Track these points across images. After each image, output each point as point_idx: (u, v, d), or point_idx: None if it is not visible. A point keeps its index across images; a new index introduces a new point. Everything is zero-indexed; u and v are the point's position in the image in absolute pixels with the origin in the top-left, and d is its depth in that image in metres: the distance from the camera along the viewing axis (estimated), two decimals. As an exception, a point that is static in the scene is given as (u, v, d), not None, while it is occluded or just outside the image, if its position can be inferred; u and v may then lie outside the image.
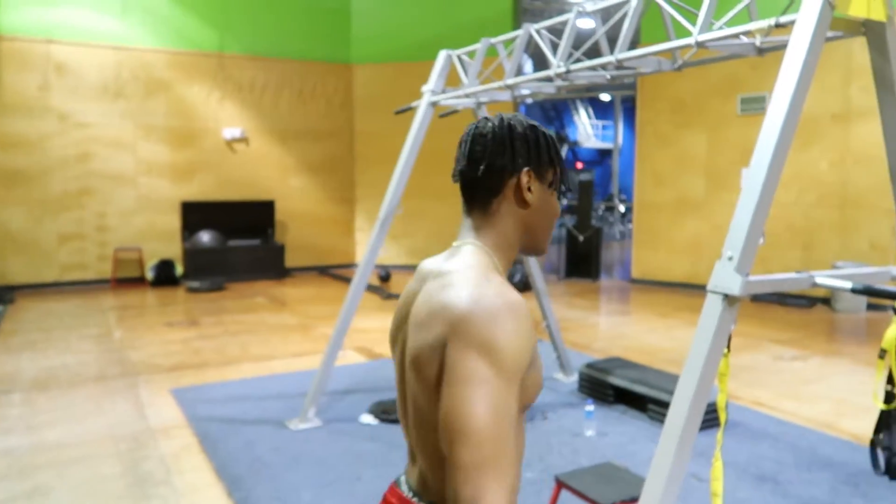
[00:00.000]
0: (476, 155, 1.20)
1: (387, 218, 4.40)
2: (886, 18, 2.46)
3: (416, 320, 1.12)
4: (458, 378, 0.99)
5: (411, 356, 1.11)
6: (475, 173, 1.20)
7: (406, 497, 1.20)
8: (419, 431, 1.14)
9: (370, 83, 11.40)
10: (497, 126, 1.20)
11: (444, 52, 4.61)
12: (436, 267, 1.21)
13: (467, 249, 1.19)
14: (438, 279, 1.14)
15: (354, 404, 4.60)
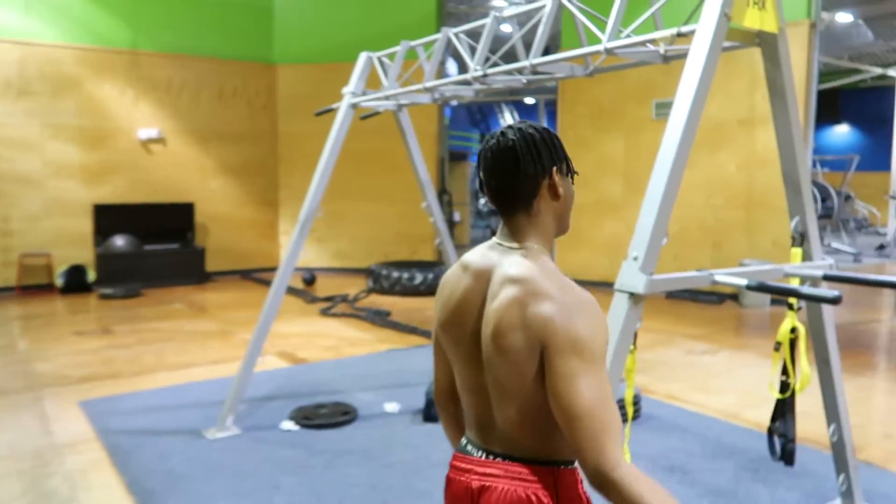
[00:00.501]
0: (510, 168, 1.38)
1: (307, 220, 4.34)
2: (778, 30, 2.62)
3: (506, 322, 1.31)
4: (562, 376, 1.25)
5: (504, 351, 1.31)
6: (515, 183, 1.38)
7: (489, 460, 1.40)
8: (503, 403, 1.36)
9: (294, 84, 11.22)
10: (518, 138, 1.38)
11: (364, 54, 4.60)
12: (503, 271, 1.37)
13: (531, 253, 1.39)
14: (520, 286, 1.32)
15: (275, 411, 4.52)
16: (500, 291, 1.35)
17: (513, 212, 1.41)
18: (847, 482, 3.15)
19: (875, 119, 21.83)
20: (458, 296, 1.43)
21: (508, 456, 1.39)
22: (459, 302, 1.42)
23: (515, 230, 1.42)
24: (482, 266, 1.41)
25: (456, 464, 1.46)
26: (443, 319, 1.46)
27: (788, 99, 2.69)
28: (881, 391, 5.28)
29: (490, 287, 1.38)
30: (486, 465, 1.40)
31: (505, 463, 1.39)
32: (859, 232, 17.45)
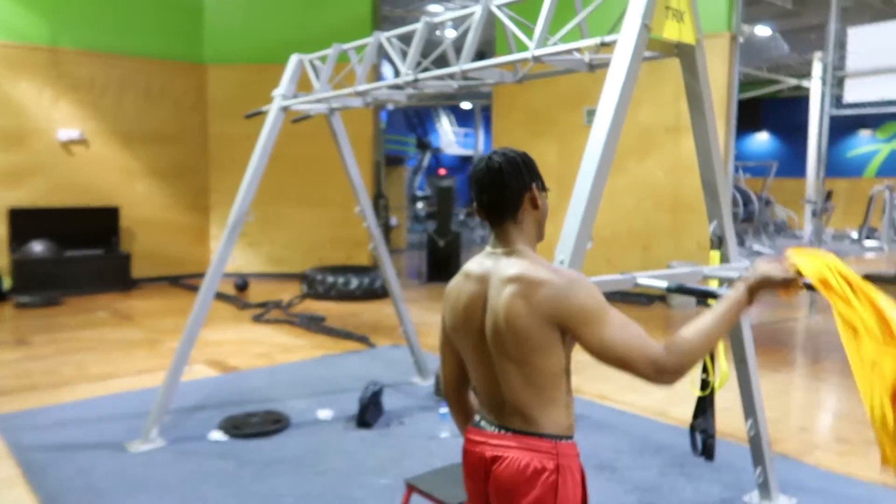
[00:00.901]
0: (498, 184, 1.66)
1: (236, 225, 4.24)
2: (695, 42, 2.73)
3: (514, 312, 1.56)
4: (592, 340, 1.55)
5: (517, 333, 1.56)
6: (503, 198, 1.66)
7: (501, 433, 1.64)
8: (513, 379, 1.61)
9: (225, 85, 10.95)
10: (503, 161, 1.67)
11: (295, 56, 4.53)
12: (501, 273, 1.63)
13: (521, 253, 1.66)
14: (518, 282, 1.59)
15: (203, 421, 4.39)
16: (503, 289, 1.61)
17: (502, 221, 1.68)
18: (763, 474, 3.30)
19: (792, 127, 22.99)
20: (464, 300, 1.69)
21: (518, 430, 1.63)
22: (466, 305, 1.68)
23: (505, 237, 1.68)
24: (480, 272, 1.68)
25: (470, 437, 1.72)
26: (453, 322, 1.72)
27: (706, 108, 2.80)
28: (797, 387, 5.54)
29: (490, 288, 1.64)
30: (498, 438, 1.64)
31: (515, 436, 1.63)
32: (778, 235, 18.32)
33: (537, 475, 1.58)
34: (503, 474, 1.61)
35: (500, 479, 1.61)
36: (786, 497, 3.37)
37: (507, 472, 1.60)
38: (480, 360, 1.68)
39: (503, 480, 1.61)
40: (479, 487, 1.69)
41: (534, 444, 1.60)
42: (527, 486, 1.58)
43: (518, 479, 1.59)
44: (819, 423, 4.72)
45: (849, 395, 5.23)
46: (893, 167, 23.94)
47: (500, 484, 1.61)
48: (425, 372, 5.33)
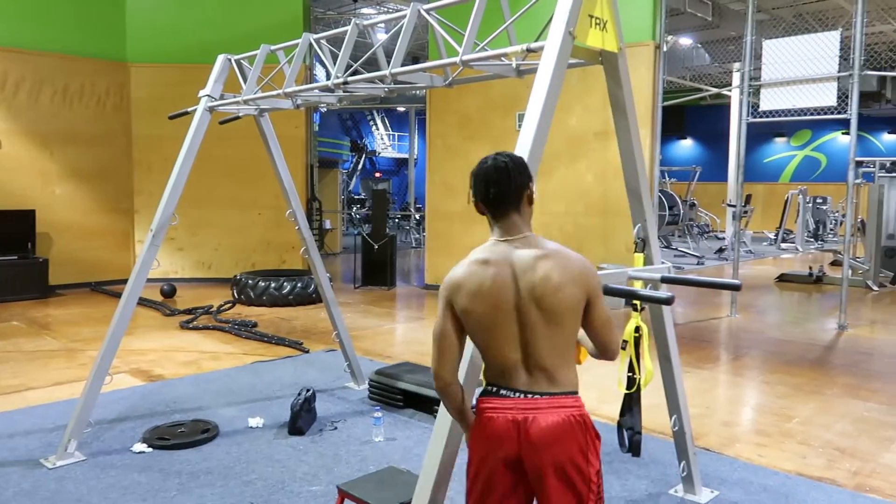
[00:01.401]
0: (506, 180, 1.89)
1: (160, 229, 4.10)
2: (618, 50, 2.81)
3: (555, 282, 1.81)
4: (601, 308, 1.91)
5: (562, 302, 1.82)
6: (509, 192, 1.89)
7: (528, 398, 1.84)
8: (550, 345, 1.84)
9: (150, 84, 10.58)
10: (509, 161, 1.91)
11: (222, 56, 4.43)
12: (530, 253, 1.86)
13: (535, 238, 1.91)
14: (553, 258, 1.85)
15: (126, 433, 4.22)
16: (538, 265, 1.83)
17: (508, 213, 1.90)
18: (687, 468, 3.42)
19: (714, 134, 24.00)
20: (489, 283, 1.84)
21: (546, 392, 1.84)
22: (492, 287, 1.83)
23: (512, 227, 1.90)
24: (500, 258, 1.86)
25: (491, 405, 1.88)
26: (474, 305, 1.85)
27: (628, 114, 2.89)
28: (721, 382, 5.77)
29: (516, 268, 1.84)
30: (526, 402, 1.84)
31: (543, 398, 1.84)
32: (702, 237, 19.06)
33: (572, 428, 1.82)
34: (540, 432, 1.80)
35: (537, 437, 1.80)
36: (708, 489, 3.51)
37: (543, 430, 1.80)
38: (505, 334, 1.85)
39: (541, 437, 1.80)
40: (504, 449, 1.83)
41: (561, 401, 1.85)
42: (566, 440, 1.82)
43: (555, 435, 1.81)
44: (739, 417, 4.93)
45: (767, 389, 5.49)
46: (806, 172, 25.33)
47: (539, 440, 1.80)
48: (360, 377, 5.29)
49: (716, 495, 3.46)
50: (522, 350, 1.86)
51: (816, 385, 5.53)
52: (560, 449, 1.81)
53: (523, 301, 1.83)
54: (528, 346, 1.85)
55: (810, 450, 4.12)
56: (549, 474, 1.81)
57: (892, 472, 3.79)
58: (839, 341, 7.27)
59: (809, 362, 6.32)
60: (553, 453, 1.80)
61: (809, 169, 25.34)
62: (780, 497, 3.45)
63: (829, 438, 4.31)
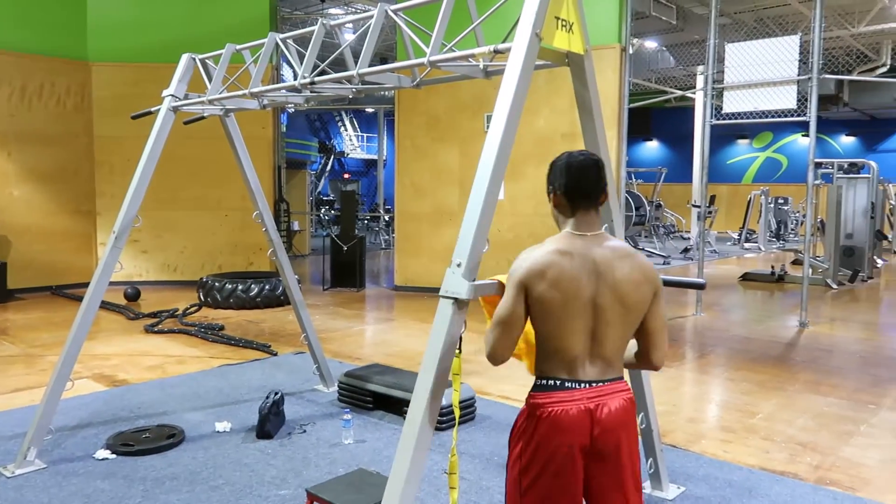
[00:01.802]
0: (597, 178, 2.02)
1: (123, 231, 4.02)
2: (584, 52, 2.83)
3: (636, 280, 1.95)
4: (662, 309, 2.03)
5: (639, 297, 1.95)
6: (597, 189, 2.02)
7: (592, 388, 1.93)
8: (619, 339, 1.96)
9: (112, 84, 10.37)
10: (598, 159, 2.07)
11: (186, 55, 4.35)
12: (611, 250, 1.97)
13: (608, 235, 2.03)
14: (632, 257, 1.98)
15: (89, 439, 4.12)
16: (621, 263, 1.94)
17: (589, 208, 2.00)
18: (655, 465, 3.47)
19: (679, 136, 24.40)
20: (571, 274, 1.91)
21: (606, 379, 1.96)
22: (574, 278, 1.91)
23: (591, 222, 2.00)
24: (581, 251, 1.94)
25: (558, 398, 1.93)
26: (554, 293, 1.90)
27: (595, 115, 2.91)
28: (687, 380, 5.87)
29: (598, 263, 1.93)
30: (591, 391, 1.93)
31: (606, 385, 1.95)
32: (668, 237, 19.36)
33: (631, 409, 2.00)
34: (611, 416, 1.93)
35: (609, 422, 1.92)
36: (675, 486, 3.56)
37: (613, 414, 1.93)
38: (576, 325, 1.92)
39: (612, 421, 1.93)
40: (579, 436, 1.92)
41: (619, 385, 1.99)
42: (628, 420, 1.99)
43: (622, 417, 1.96)
44: (705, 414, 5.02)
45: (731, 386, 5.59)
46: (768, 173, 25.90)
47: (611, 424, 1.93)
48: (329, 379, 5.25)
49: (682, 491, 3.51)
50: (590, 341, 1.94)
51: (779, 381, 5.65)
52: (627, 430, 1.98)
53: (603, 295, 1.92)
54: (598, 337, 1.94)
55: (773, 444, 4.21)
56: (623, 454, 1.96)
57: (851, 466, 3.90)
58: (800, 338, 7.45)
59: (772, 359, 6.46)
60: (623, 434, 1.96)
61: (771, 170, 25.94)
62: (744, 491, 3.51)
63: (792, 433, 4.41)
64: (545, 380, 1.97)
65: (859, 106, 20.77)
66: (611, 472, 1.96)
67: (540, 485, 1.94)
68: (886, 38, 16.23)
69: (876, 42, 16.59)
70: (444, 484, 3.51)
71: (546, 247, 1.96)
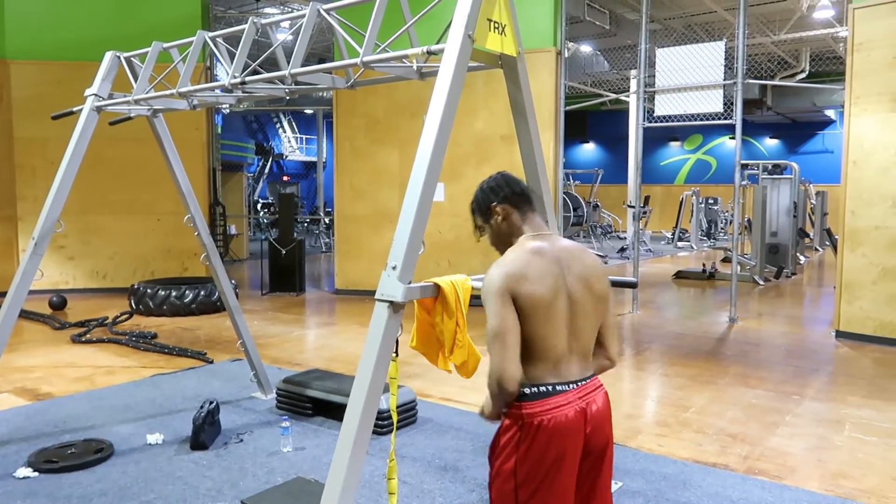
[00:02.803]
0: (522, 183, 2.17)
1: (43, 237, 3.83)
2: (517, 54, 2.85)
3: (601, 272, 2.06)
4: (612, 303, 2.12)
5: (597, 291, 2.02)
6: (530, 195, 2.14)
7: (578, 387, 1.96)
8: (592, 331, 2.03)
9: (33, 83, 9.90)
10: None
11: (110, 53, 4.20)
12: (570, 245, 2.08)
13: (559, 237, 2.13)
14: (585, 251, 2.09)
15: (9, 457, 3.91)
16: (583, 255, 2.04)
17: (534, 211, 2.12)
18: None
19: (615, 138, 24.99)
20: (550, 270, 1.95)
21: (587, 377, 2.01)
22: (553, 275, 1.95)
23: (541, 223, 2.11)
24: (550, 250, 2.00)
25: (553, 404, 1.91)
26: (539, 293, 1.91)
27: (528, 116, 2.94)
28: (624, 377, 5.99)
29: (563, 259, 1.99)
30: (578, 392, 1.96)
31: (588, 382, 2.00)
32: (605, 237, 19.80)
33: (609, 402, 2.07)
34: (598, 413, 1.99)
35: (597, 419, 1.98)
36: (612, 481, 3.62)
37: (600, 410, 2.00)
38: (560, 322, 1.95)
39: (600, 417, 1.99)
40: (578, 440, 1.94)
41: (597, 381, 2.05)
42: (609, 415, 2.06)
43: (606, 413, 2.03)
44: (642, 409, 5.13)
45: (666, 381, 5.75)
46: (699, 174, 26.81)
47: (599, 421, 1.99)
48: (267, 386, 5.14)
49: (619, 486, 3.58)
50: (571, 336, 1.97)
51: (710, 375, 5.84)
52: (610, 425, 2.06)
53: (575, 288, 1.97)
54: (576, 332, 1.98)
55: (705, 437, 4.35)
56: (609, 449, 2.05)
57: (777, 455, 4.06)
58: (730, 333, 7.73)
59: (704, 354, 6.68)
60: (609, 429, 2.05)
61: (701, 171, 26.86)
62: (678, 484, 3.61)
63: (722, 425, 4.56)
64: (536, 387, 1.92)
65: (782, 110, 21.75)
66: (599, 468, 2.03)
67: (540, 495, 1.90)
68: (805, 45, 17.06)
69: (796, 49, 17.41)
70: (384, 489, 3.48)
71: (516, 252, 1.99)
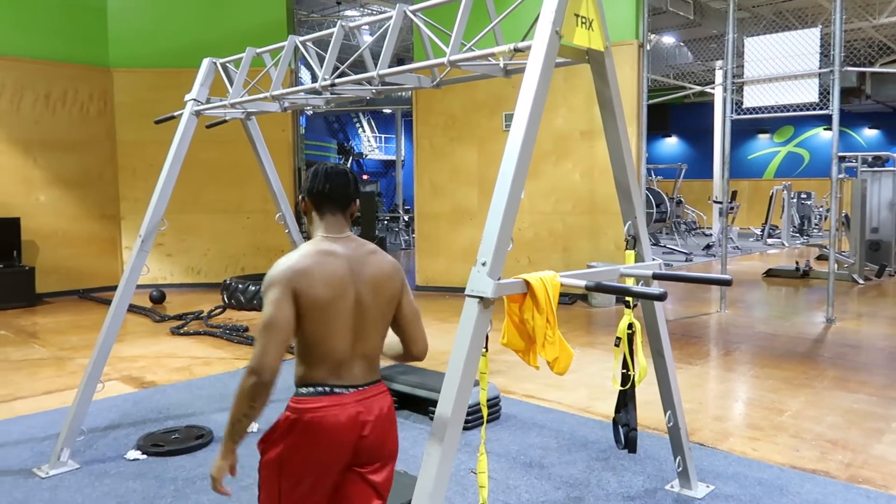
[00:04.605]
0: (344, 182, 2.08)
1: (148, 235, 4.07)
2: (604, 48, 2.82)
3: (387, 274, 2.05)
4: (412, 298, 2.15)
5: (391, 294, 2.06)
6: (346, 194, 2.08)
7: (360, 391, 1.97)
8: (379, 335, 2.05)
9: (134, 89, 10.51)
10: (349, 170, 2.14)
11: (207, 59, 4.40)
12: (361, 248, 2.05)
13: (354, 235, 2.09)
14: (378, 253, 2.08)
15: (119, 440, 4.19)
16: (371, 259, 2.03)
17: (337, 212, 2.06)
18: (683, 463, 3.44)
19: (699, 131, 24.18)
20: (339, 273, 1.95)
21: (371, 382, 2.01)
22: (341, 277, 1.95)
23: (341, 225, 2.06)
24: (339, 251, 1.99)
25: (325, 403, 1.92)
26: (324, 294, 1.90)
27: (616, 112, 2.90)
28: (711, 378, 5.81)
29: (353, 262, 1.99)
30: (357, 395, 1.96)
31: (371, 387, 2.01)
32: (689, 234, 19.18)
33: (392, 411, 2.07)
34: (377, 421, 1.98)
35: (375, 426, 1.98)
36: (704, 484, 3.53)
37: (379, 418, 1.99)
38: (343, 325, 1.95)
39: (380, 422, 1.99)
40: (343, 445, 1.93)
41: (381, 387, 2.06)
42: (392, 423, 2.07)
43: (387, 421, 2.03)
44: (731, 411, 4.97)
45: (758, 383, 5.53)
46: (790, 168, 25.57)
47: (377, 426, 1.98)
48: (352, 379, 5.27)
49: (711, 490, 3.48)
50: (354, 339, 1.97)
51: (806, 378, 5.58)
52: (392, 433, 2.07)
53: (364, 292, 1.98)
54: (361, 335, 1.98)
55: (802, 442, 4.16)
56: (390, 457, 2.07)
57: (883, 463, 3.84)
58: (827, 334, 7.35)
59: (799, 356, 6.38)
60: (389, 438, 2.05)
61: (793, 165, 25.60)
62: (774, 490, 3.48)
63: (821, 431, 4.36)
64: (314, 386, 1.93)
65: (882, 98, 20.43)
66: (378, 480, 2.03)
67: (302, 489, 1.94)
68: (910, 29, 15.95)
69: (899, 33, 16.31)
70: (470, 483, 3.52)
71: (305, 249, 1.97)
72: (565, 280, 2.55)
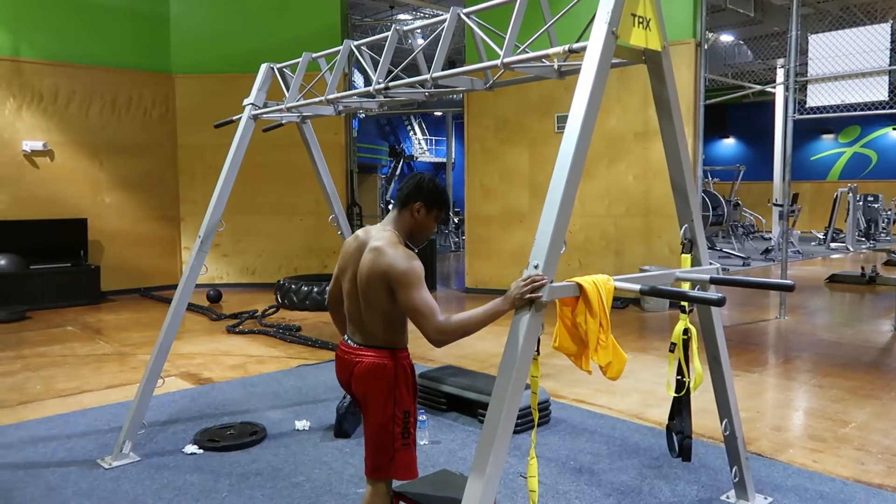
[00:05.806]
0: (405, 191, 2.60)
1: (207, 236, 4.19)
2: (662, 48, 2.76)
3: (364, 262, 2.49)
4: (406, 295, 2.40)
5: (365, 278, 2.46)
6: (401, 197, 2.59)
7: (356, 346, 2.55)
8: (360, 309, 2.53)
9: (193, 94, 10.84)
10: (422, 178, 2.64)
11: (265, 65, 4.50)
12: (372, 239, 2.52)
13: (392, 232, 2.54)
14: (375, 247, 2.46)
15: (178, 435, 4.32)
16: (368, 247, 2.48)
17: (396, 209, 2.60)
18: (739, 474, 3.34)
19: (758, 132, 23.46)
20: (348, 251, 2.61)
21: (368, 344, 2.53)
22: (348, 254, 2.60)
23: (391, 219, 2.58)
24: (361, 235, 2.62)
25: (342, 347, 2.62)
26: (340, 263, 2.64)
27: (673, 113, 2.84)
28: (770, 386, 5.63)
29: (361, 245, 2.55)
30: (358, 350, 2.54)
31: (366, 348, 2.52)
32: (747, 237, 18.62)
33: (379, 369, 2.50)
34: (362, 370, 2.51)
35: (359, 373, 2.52)
36: (762, 496, 3.42)
37: (364, 369, 2.50)
38: (349, 292, 2.57)
39: (361, 373, 2.51)
40: (344, 376, 2.61)
41: (377, 350, 2.52)
42: (374, 376, 2.50)
43: (370, 372, 2.50)
44: (791, 421, 4.80)
45: (819, 393, 5.33)
46: (856, 170, 24.56)
47: (360, 376, 2.52)
48: (402, 380, 5.30)
49: (770, 502, 3.37)
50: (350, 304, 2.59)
51: (872, 389, 5.35)
52: (363, 385, 2.53)
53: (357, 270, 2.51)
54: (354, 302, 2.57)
55: (868, 456, 3.99)
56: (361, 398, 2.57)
57: (955, 479, 3.65)
58: (895, 344, 7.03)
59: (864, 365, 6.12)
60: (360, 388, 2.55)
61: (859, 166, 24.58)
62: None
63: (888, 444, 4.17)
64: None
65: (957, 96, 19.42)
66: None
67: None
68: None
69: (976, 27, 15.49)
70: (519, 486, 3.50)
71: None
72: (619, 284, 2.50)
